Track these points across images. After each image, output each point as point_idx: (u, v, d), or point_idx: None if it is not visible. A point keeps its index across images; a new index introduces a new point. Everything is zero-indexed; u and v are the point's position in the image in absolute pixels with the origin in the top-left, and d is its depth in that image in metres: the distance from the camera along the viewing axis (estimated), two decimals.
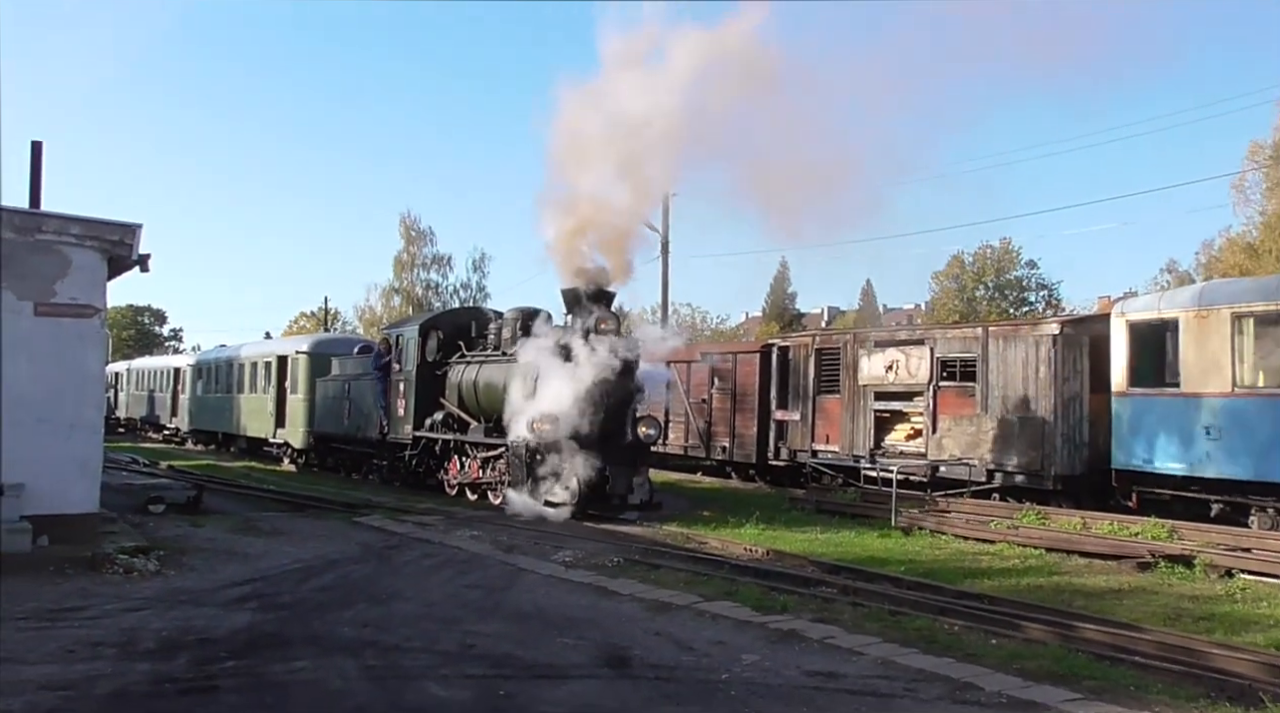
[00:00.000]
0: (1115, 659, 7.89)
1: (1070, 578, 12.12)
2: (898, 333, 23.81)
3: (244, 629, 8.58)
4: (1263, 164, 41.50)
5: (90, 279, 12.44)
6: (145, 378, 48.54)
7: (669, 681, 7.22)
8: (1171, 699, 6.85)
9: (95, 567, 11.08)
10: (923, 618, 9.25)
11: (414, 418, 21.67)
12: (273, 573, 11.40)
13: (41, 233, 12.25)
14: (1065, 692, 6.93)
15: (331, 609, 9.45)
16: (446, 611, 9.50)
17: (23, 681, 6.89)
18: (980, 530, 15.30)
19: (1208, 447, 15.15)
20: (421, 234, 60.97)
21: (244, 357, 34.64)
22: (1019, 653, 8.02)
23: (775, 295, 76.27)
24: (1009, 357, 19.04)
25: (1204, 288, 17.02)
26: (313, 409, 28.26)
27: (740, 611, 9.45)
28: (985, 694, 6.91)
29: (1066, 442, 17.98)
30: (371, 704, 6.53)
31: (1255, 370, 14.98)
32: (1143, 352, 16.44)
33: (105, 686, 6.84)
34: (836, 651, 8.07)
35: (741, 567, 12.07)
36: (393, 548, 13.46)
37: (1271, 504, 14.56)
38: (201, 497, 17.88)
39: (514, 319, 19.71)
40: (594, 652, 7.99)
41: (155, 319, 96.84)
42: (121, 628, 8.50)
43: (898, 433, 21.23)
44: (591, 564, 12.10)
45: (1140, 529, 14.58)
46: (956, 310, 61.24)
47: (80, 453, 12.28)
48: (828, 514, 17.71)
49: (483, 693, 6.83)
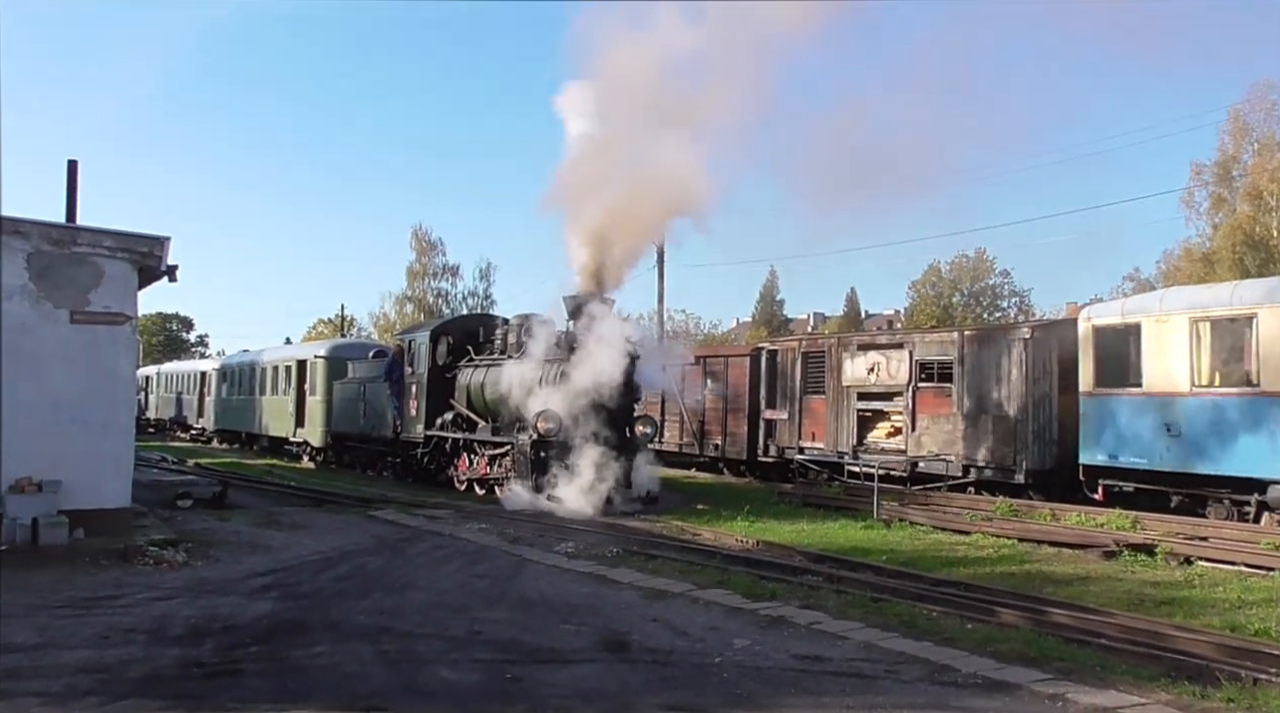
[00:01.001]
0: (1082, 642, 7.90)
1: (1040, 566, 12.14)
2: (879, 337, 23.84)
3: (266, 617, 8.58)
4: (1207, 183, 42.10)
5: (122, 289, 12.43)
6: (173, 381, 48.48)
7: (665, 664, 7.23)
8: (1135, 679, 6.86)
9: (127, 558, 11.09)
10: (903, 604, 9.25)
11: (425, 418, 21.68)
12: (293, 564, 11.40)
13: (77, 246, 12.25)
14: (1036, 673, 6.94)
15: (348, 598, 9.46)
16: (456, 599, 9.50)
17: (62, 664, 6.91)
18: (956, 522, 15.31)
19: (1168, 443, 15.17)
20: (432, 245, 61.05)
21: (266, 361, 34.61)
22: (993, 637, 8.02)
23: (764, 302, 76.41)
24: (983, 359, 19.06)
25: (1164, 295, 17.04)
26: (330, 410, 28.25)
27: (732, 598, 9.44)
28: (961, 675, 6.92)
29: (1037, 439, 18.00)
30: (386, 687, 6.52)
31: (1211, 371, 15.01)
32: (1108, 354, 16.46)
33: (138, 669, 6.85)
34: (822, 635, 8.07)
35: (733, 557, 12.07)
36: (405, 540, 13.45)
37: (1227, 496, 14.59)
38: (226, 493, 17.88)
39: (519, 325, 19.71)
40: (595, 637, 7.99)
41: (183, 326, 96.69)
42: (152, 616, 8.50)
43: (879, 431, 21.23)
44: (592, 555, 12.10)
45: (1105, 520, 14.60)
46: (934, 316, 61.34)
47: (113, 451, 12.28)
48: (814, 507, 17.72)
49: (491, 676, 6.83)
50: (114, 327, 12.35)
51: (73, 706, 5.99)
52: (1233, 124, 41.48)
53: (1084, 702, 6.26)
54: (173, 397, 47.66)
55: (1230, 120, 41.59)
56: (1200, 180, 42.64)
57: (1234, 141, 41.75)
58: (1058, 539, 13.63)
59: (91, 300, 12.18)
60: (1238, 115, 41.39)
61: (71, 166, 16.19)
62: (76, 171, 16.18)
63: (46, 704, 6.00)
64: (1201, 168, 42.83)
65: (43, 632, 7.83)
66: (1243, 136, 41.60)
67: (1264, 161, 40.30)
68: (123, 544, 11.42)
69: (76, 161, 16.17)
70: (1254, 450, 14.11)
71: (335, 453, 28.63)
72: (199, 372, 44.49)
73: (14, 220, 12.00)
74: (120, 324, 12.40)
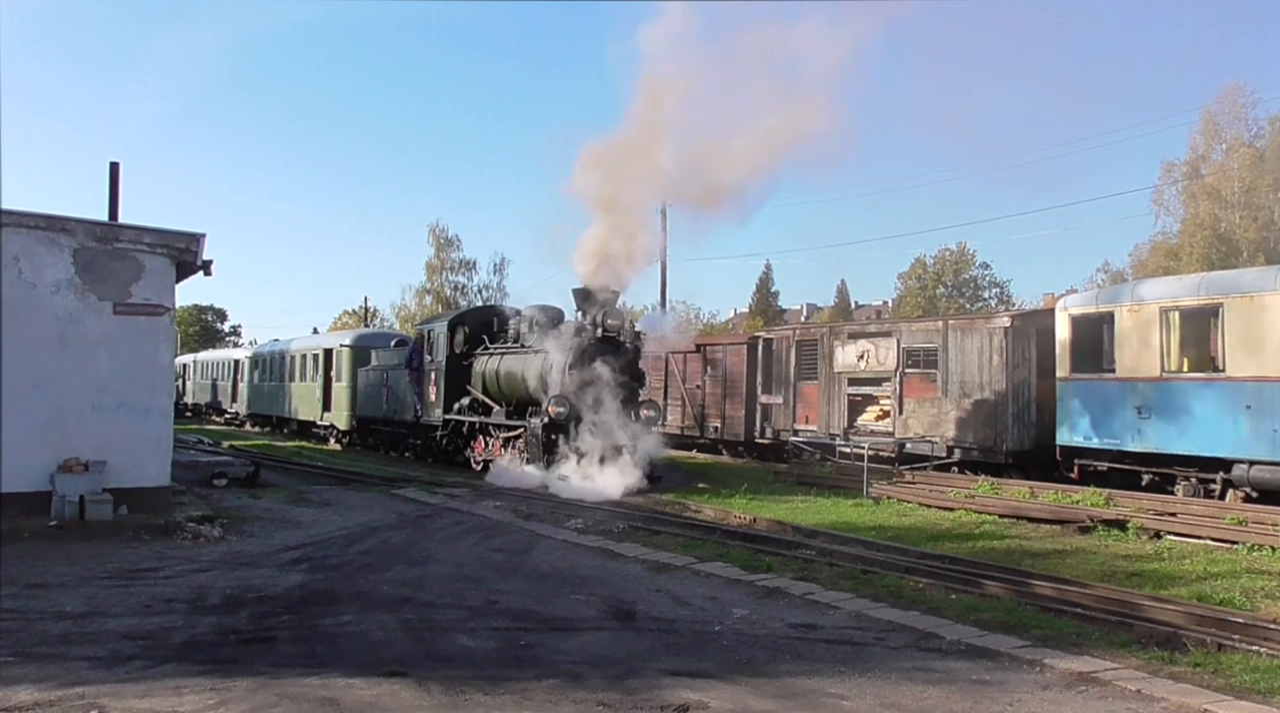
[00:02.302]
0: (1059, 611, 7.90)
1: (1020, 540, 12.13)
2: (868, 327, 23.79)
3: (297, 588, 8.61)
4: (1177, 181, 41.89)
5: (161, 282, 12.47)
6: (209, 369, 48.52)
7: (669, 632, 7.24)
8: (1108, 646, 6.88)
9: (167, 533, 11.13)
10: (891, 576, 9.26)
11: (444, 403, 21.68)
12: (322, 538, 11.43)
13: (119, 242, 12.29)
14: (1016, 640, 6.95)
15: (373, 570, 9.48)
16: (473, 571, 9.52)
17: (108, 631, 6.95)
18: (941, 500, 15.30)
19: (1139, 424, 15.15)
20: (449, 241, 60.87)
21: (295, 350, 34.62)
22: (976, 606, 8.03)
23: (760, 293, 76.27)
24: (966, 347, 19.02)
25: (1135, 286, 16.98)
26: (355, 395, 28.26)
27: (731, 570, 9.47)
28: (946, 643, 6.93)
29: (1016, 421, 17.98)
30: (409, 653, 6.54)
31: (1180, 357, 14.97)
32: (1083, 341, 16.41)
33: (178, 636, 6.88)
34: (815, 605, 8.09)
35: (731, 532, 12.08)
36: (426, 516, 13.48)
37: (1194, 474, 14.56)
38: (259, 472, 17.90)
39: (531, 316, 19.69)
40: (603, 607, 8.01)
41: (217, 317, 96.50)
42: (191, 586, 8.54)
43: (868, 414, 21.21)
44: (599, 530, 12.12)
45: (1081, 497, 14.59)
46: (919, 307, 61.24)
47: (154, 434, 12.33)
48: (807, 486, 17.71)
49: (506, 643, 6.85)
50: (154, 317, 12.38)
51: (119, 669, 6.02)
52: (1204, 124, 41.27)
53: (1061, 667, 6.27)
54: (208, 383, 47.72)
55: (1201, 120, 41.41)
56: (1170, 178, 42.51)
57: (1204, 141, 41.55)
58: (1036, 515, 13.61)
59: (133, 293, 12.23)
60: (1209, 116, 41.20)
61: (114, 168, 16.20)
62: (119, 173, 16.20)
63: (95, 668, 6.03)
64: (1173, 166, 42.70)
65: (90, 601, 7.87)
66: (1213, 136, 41.38)
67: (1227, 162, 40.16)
68: (163, 520, 11.46)
69: (118, 164, 16.22)
70: (1219, 432, 14.08)
71: (360, 436, 28.64)
72: (232, 360, 44.52)
73: (61, 218, 12.05)
74: (160, 315, 12.43)
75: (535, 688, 5.77)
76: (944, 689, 5.86)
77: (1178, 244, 41.20)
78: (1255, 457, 13.55)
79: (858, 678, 6.09)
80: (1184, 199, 42.18)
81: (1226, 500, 13.84)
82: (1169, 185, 42.19)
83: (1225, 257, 37.84)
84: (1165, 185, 42.36)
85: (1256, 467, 13.54)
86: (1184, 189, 41.87)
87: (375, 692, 5.62)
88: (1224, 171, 39.93)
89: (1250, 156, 39.47)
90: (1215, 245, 39.17)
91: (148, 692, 5.57)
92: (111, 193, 15.99)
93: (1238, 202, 39.87)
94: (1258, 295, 13.90)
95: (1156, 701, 5.66)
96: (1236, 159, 39.84)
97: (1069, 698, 5.75)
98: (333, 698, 5.48)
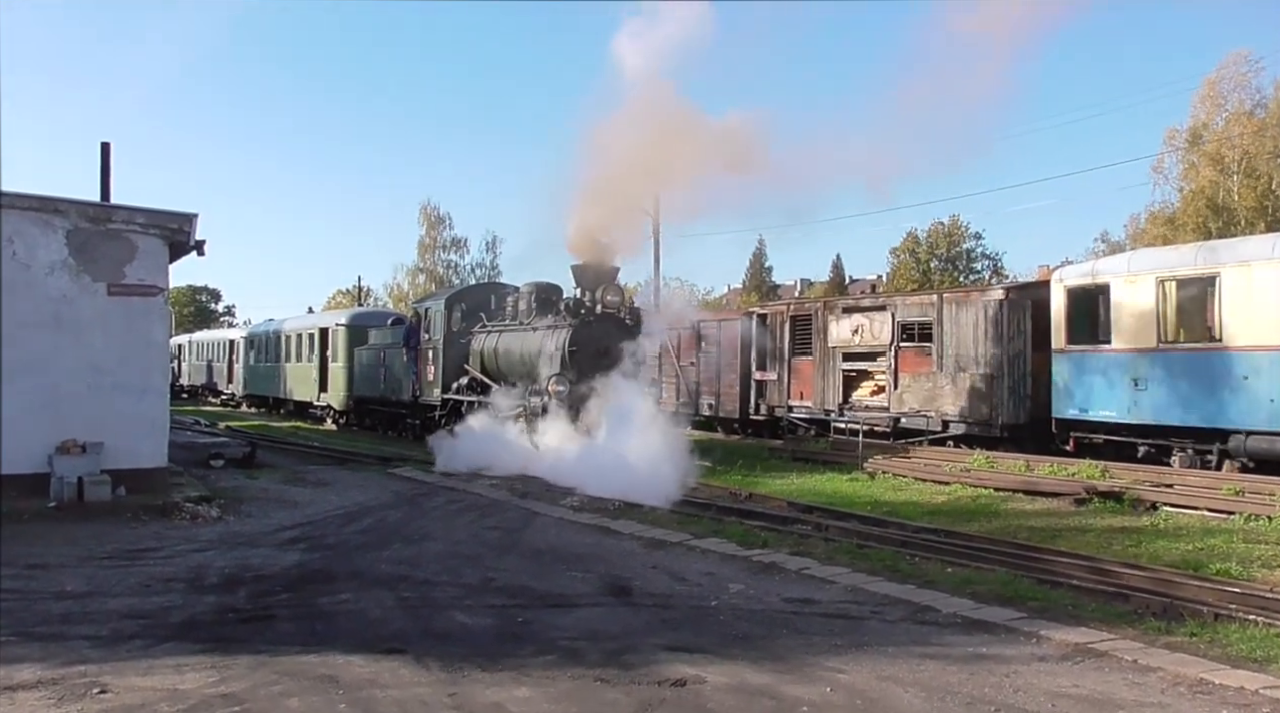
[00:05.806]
0: (1055, 583, 7.94)
1: (1015, 513, 12.18)
2: (862, 301, 23.76)
3: (295, 567, 8.61)
4: (1179, 148, 41.62)
5: (154, 263, 12.41)
6: (204, 349, 48.46)
7: (666, 607, 7.26)
8: (1104, 617, 6.89)
9: (166, 513, 11.13)
10: (886, 550, 9.29)
11: (442, 381, 21.63)
12: (319, 518, 11.43)
13: (112, 223, 12.22)
14: (1011, 612, 6.97)
15: (370, 549, 9.49)
16: (470, 549, 9.53)
17: (108, 610, 6.96)
18: (937, 473, 15.35)
19: (1135, 396, 15.18)
20: (440, 220, 60.63)
21: (290, 330, 34.53)
22: (971, 579, 8.05)
23: (754, 269, 76.21)
24: (961, 320, 19.01)
25: (1132, 256, 16.96)
26: (352, 375, 28.20)
27: (726, 546, 9.46)
28: (942, 615, 6.95)
29: (1012, 394, 18.00)
30: (406, 630, 6.55)
31: (1176, 328, 14.98)
32: (1079, 313, 16.41)
33: (178, 615, 6.89)
34: (811, 579, 8.10)
35: (727, 508, 12.09)
36: (422, 495, 13.48)
37: (1190, 445, 14.61)
38: (255, 452, 17.91)
39: (529, 293, 19.60)
40: (599, 583, 8.02)
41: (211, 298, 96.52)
42: (190, 566, 8.54)
43: (863, 389, 21.24)
44: (595, 507, 12.11)
45: (1077, 470, 14.62)
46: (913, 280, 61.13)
47: (150, 414, 12.32)
48: (802, 461, 17.78)
49: (503, 620, 6.86)
50: (148, 298, 12.33)
51: (119, 648, 6.03)
52: (1207, 91, 40.95)
53: (1057, 638, 6.29)
54: (204, 364, 47.66)
55: (1204, 88, 41.09)
56: (1172, 146, 42.18)
57: (1206, 109, 41.22)
58: (1032, 488, 13.66)
59: (126, 274, 12.17)
60: (1212, 83, 40.89)
61: (105, 149, 16.05)
62: (110, 153, 16.05)
63: (96, 646, 6.04)
64: (1176, 133, 42.27)
65: (90, 580, 7.89)
66: (1215, 105, 41.05)
67: (1228, 129, 39.91)
68: (161, 500, 11.46)
69: (109, 144, 16.04)
70: (1216, 402, 14.12)
71: (357, 415, 28.62)
72: (228, 340, 44.44)
73: (54, 200, 11.98)
74: (154, 296, 12.39)
75: (532, 664, 5.78)
76: (940, 662, 5.89)
77: (1177, 211, 41.03)
78: (1252, 426, 13.59)
79: (854, 652, 6.11)
80: (1184, 167, 41.93)
81: (1223, 471, 13.90)
82: (1170, 152, 41.90)
83: (1224, 226, 37.75)
84: (1167, 152, 42.07)
85: (1253, 436, 13.58)
86: (1183, 158, 41.61)
87: (374, 669, 5.64)
88: (1225, 138, 39.65)
89: (1253, 125, 39.20)
90: (1213, 215, 39.06)
91: (149, 669, 5.58)
92: (103, 173, 15.85)
93: (1238, 168, 39.70)
94: (1256, 264, 13.90)
95: (1153, 671, 5.69)
96: (1238, 126, 39.56)
97: (1065, 669, 5.78)
98: (332, 675, 5.50)
